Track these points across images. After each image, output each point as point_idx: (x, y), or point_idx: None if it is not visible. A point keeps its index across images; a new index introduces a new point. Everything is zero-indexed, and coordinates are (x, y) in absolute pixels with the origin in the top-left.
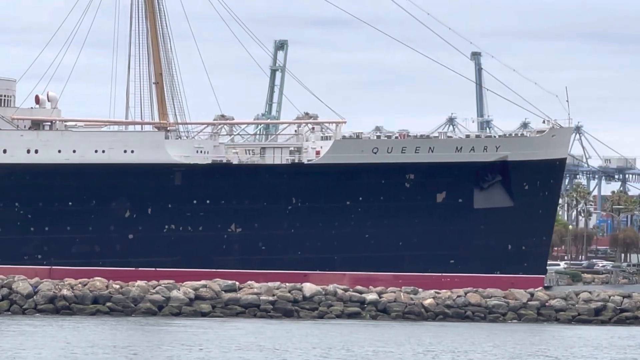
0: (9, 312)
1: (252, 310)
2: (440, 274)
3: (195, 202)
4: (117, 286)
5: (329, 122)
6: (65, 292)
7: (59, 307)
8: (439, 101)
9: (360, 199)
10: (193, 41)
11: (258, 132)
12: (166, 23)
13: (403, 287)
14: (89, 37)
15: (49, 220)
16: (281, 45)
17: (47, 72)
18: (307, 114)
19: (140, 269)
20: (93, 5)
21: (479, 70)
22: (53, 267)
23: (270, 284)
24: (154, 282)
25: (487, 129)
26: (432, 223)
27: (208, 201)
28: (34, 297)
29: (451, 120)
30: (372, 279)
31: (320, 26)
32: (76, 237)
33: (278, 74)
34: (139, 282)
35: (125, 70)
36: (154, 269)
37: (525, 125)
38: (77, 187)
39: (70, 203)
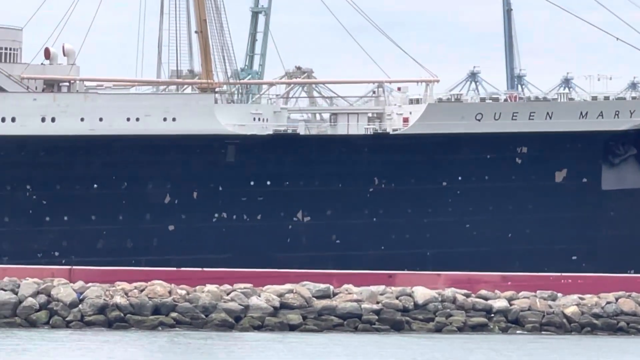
0: (49, 326)
1: (352, 321)
2: (559, 274)
3: (252, 183)
4: (183, 292)
5: (418, 81)
6: (118, 299)
7: (111, 319)
8: (448, 50)
9: (460, 178)
10: None
11: (238, 93)
12: None
13: (538, 292)
14: None
15: (68, 208)
16: None
17: (59, 20)
18: (298, 68)
19: (182, 269)
20: None
21: (507, 11)
22: (74, 267)
23: (373, 288)
24: (227, 287)
25: (520, 86)
26: (549, 209)
27: (268, 182)
28: (80, 306)
29: (474, 76)
30: (473, 280)
31: None
32: (103, 228)
33: (261, 18)
34: (209, 287)
35: (157, 16)
36: (200, 269)
37: (567, 81)
38: (104, 165)
39: (95, 185)
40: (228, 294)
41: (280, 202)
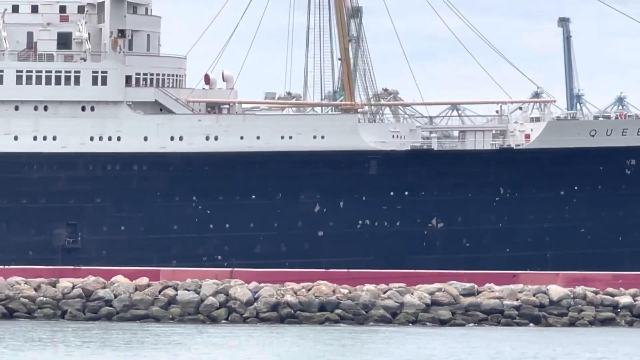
0: (228, 321)
1: (495, 316)
2: None
3: (391, 193)
4: (346, 291)
5: (538, 101)
6: (288, 298)
7: (283, 315)
8: (510, 75)
9: (575, 188)
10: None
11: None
12: None
13: None
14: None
15: (230, 216)
16: (355, 12)
17: (217, 48)
18: (385, 90)
19: (331, 270)
20: None
21: (567, 38)
22: (234, 269)
23: (512, 286)
24: (384, 286)
25: (578, 105)
26: None
27: (406, 192)
28: (255, 304)
29: (537, 96)
30: (588, 279)
31: None
32: (260, 234)
33: (351, 45)
34: (367, 287)
35: (303, 44)
36: (346, 270)
37: (621, 100)
38: (261, 178)
39: (253, 196)
40: (385, 293)
41: (417, 210)
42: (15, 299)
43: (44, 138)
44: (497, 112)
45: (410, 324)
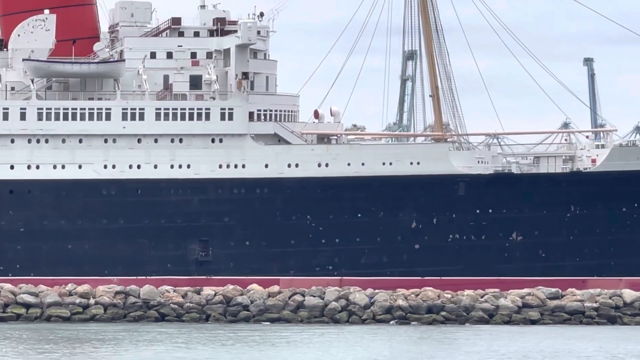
0: (349, 323)
1: (577, 317)
2: None
3: (477, 211)
4: (449, 295)
5: (601, 131)
6: (400, 302)
7: (395, 317)
8: (541, 108)
9: (636, 205)
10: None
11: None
12: (443, 36)
13: None
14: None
15: (339, 232)
16: (410, 55)
17: (324, 87)
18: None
19: (426, 278)
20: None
21: (591, 76)
22: (343, 277)
23: (591, 290)
24: (480, 291)
25: (602, 133)
26: None
27: (490, 210)
28: (371, 307)
29: (566, 126)
30: None
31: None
32: (365, 248)
33: (408, 84)
34: (467, 292)
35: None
36: (439, 277)
37: (638, 128)
38: (365, 199)
39: (359, 215)
40: (482, 297)
41: (499, 225)
42: (166, 305)
43: (180, 166)
44: (566, 140)
45: (505, 324)
